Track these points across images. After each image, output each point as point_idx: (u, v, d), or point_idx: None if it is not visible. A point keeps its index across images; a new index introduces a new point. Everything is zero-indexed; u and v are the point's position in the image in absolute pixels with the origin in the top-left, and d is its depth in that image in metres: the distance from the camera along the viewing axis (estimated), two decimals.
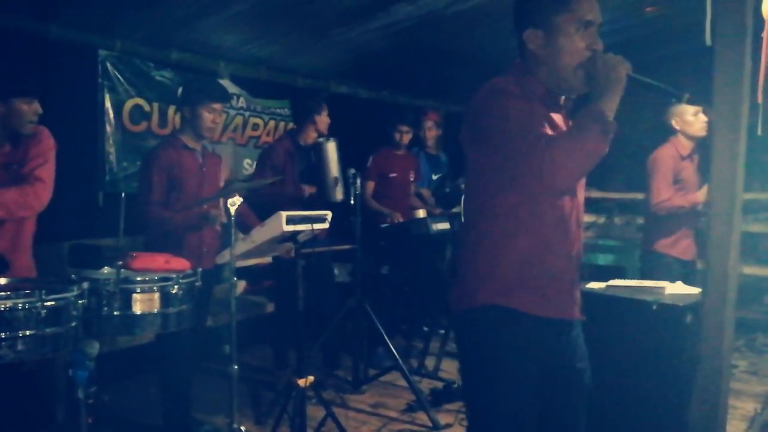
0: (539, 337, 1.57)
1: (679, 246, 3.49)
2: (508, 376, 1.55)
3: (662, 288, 2.57)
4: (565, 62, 1.53)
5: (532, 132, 1.44)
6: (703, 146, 3.49)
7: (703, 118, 3.38)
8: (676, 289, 2.60)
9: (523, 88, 1.54)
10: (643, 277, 3.30)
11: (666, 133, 3.51)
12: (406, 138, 4.54)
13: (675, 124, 3.44)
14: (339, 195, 3.67)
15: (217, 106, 3.00)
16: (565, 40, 1.52)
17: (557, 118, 1.62)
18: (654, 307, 2.34)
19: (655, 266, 3.47)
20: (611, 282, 2.68)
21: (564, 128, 1.63)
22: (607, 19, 1.63)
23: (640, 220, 4.42)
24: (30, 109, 2.33)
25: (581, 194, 1.67)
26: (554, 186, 1.44)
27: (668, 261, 3.45)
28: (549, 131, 1.52)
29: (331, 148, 3.66)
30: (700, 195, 3.38)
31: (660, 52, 4.52)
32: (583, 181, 1.68)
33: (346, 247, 3.47)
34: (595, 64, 1.48)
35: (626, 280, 2.77)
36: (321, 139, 3.73)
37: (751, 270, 4.50)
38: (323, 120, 3.80)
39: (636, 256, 4.50)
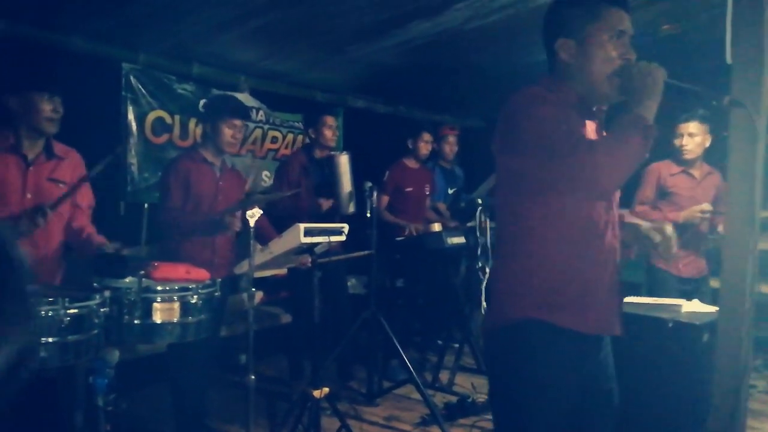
0: (577, 354, 1.55)
1: (677, 263, 3.51)
2: (547, 394, 1.51)
3: (679, 306, 2.56)
4: (598, 70, 1.53)
5: (572, 134, 1.43)
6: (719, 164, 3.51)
7: (692, 140, 3.44)
8: (692, 307, 2.59)
9: (557, 96, 1.54)
10: (647, 292, 3.32)
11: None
12: (428, 148, 4.58)
13: (674, 141, 3.53)
14: (351, 208, 3.72)
15: (237, 122, 3.06)
16: (597, 49, 1.52)
17: (590, 126, 1.61)
18: (670, 325, 2.34)
19: (654, 281, 3.54)
20: (627, 299, 2.67)
21: (597, 137, 1.62)
22: None
23: None
24: (48, 106, 2.39)
25: (616, 208, 1.65)
26: (595, 186, 1.43)
27: (665, 276, 3.50)
28: (589, 136, 1.52)
29: (344, 162, 3.70)
30: (682, 214, 3.42)
31: (677, 70, 4.52)
32: (617, 195, 1.67)
33: (363, 253, 3.48)
34: (631, 73, 1.48)
35: (642, 297, 2.76)
36: (334, 153, 3.78)
37: None
38: (323, 134, 3.78)
39: None
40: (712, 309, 2.48)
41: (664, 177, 3.54)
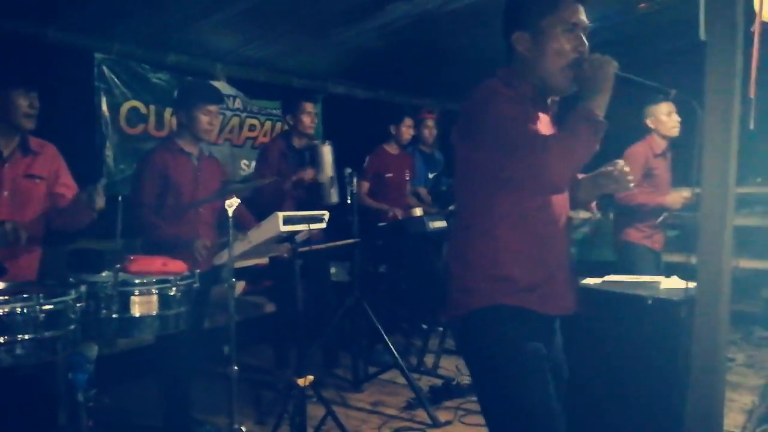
0: (543, 334, 1.62)
1: (649, 237, 3.59)
2: (529, 372, 1.56)
3: (657, 283, 2.59)
4: (551, 63, 1.57)
5: (529, 133, 1.47)
6: (675, 146, 3.63)
7: (676, 118, 3.53)
8: (671, 283, 2.61)
9: (514, 90, 1.58)
10: (620, 269, 3.35)
11: (644, 131, 3.63)
12: (410, 133, 4.57)
13: (650, 123, 3.60)
14: (334, 198, 3.71)
15: (212, 108, 3.01)
16: (551, 42, 1.56)
17: (545, 119, 1.65)
18: (649, 302, 2.35)
19: (629, 257, 3.59)
20: (607, 277, 2.69)
21: (551, 129, 1.66)
22: (600, 17, 1.65)
23: None
24: (25, 101, 2.35)
25: (567, 191, 1.72)
26: (550, 184, 1.48)
27: (641, 251, 3.56)
28: (543, 132, 1.55)
29: (327, 152, 3.68)
30: (668, 198, 3.52)
31: (653, 49, 4.54)
32: None
33: (346, 242, 3.47)
34: (582, 66, 1.52)
35: (621, 276, 2.78)
36: (316, 142, 3.75)
37: (747, 263, 4.52)
38: (301, 121, 3.74)
39: None
40: (691, 285, 2.50)
41: (649, 158, 3.56)
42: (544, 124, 1.63)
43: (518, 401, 1.56)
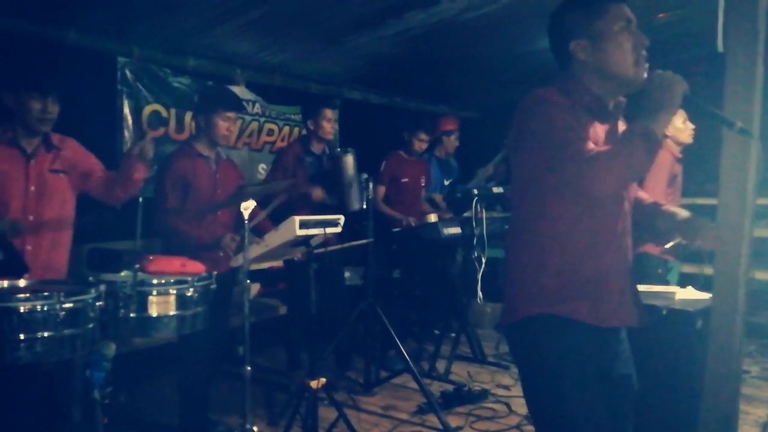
0: (593, 346, 1.57)
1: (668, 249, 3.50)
2: (573, 382, 1.53)
3: (672, 293, 2.58)
4: (617, 60, 1.55)
5: (574, 144, 1.44)
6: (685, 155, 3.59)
7: (690, 126, 3.50)
8: (686, 294, 2.60)
9: (569, 98, 1.55)
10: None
11: None
12: (422, 147, 4.59)
13: (666, 130, 3.51)
14: (356, 205, 3.70)
15: (231, 114, 3.05)
16: (611, 42, 1.55)
17: (601, 129, 1.61)
18: (664, 313, 2.35)
19: (643, 268, 3.47)
20: None
21: (610, 138, 1.61)
22: None
23: None
24: (38, 105, 2.39)
25: (628, 203, 1.67)
26: (594, 195, 1.46)
27: (656, 263, 3.46)
28: (591, 144, 1.49)
29: (349, 161, 3.67)
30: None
31: (672, 58, 4.51)
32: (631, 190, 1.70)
33: (360, 242, 3.48)
34: (652, 81, 1.48)
35: (637, 286, 2.76)
36: (338, 150, 3.75)
37: (763, 275, 4.47)
38: (322, 127, 3.77)
39: None
40: (706, 296, 2.49)
41: (673, 163, 3.51)
42: (601, 135, 1.59)
43: (560, 411, 1.54)
